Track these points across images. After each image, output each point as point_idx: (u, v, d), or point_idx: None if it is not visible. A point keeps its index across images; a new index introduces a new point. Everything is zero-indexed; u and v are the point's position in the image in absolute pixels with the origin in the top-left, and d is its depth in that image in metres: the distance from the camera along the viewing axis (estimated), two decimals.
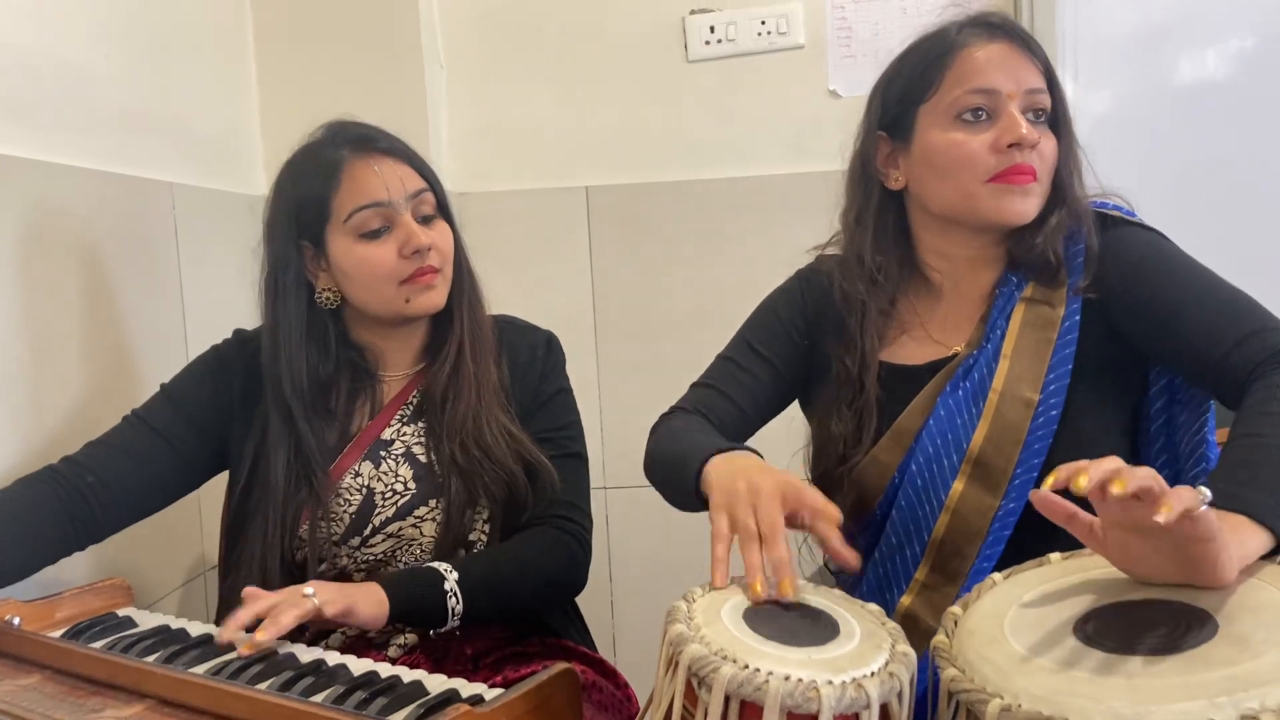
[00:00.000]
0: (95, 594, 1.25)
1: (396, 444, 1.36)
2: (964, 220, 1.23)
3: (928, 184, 1.23)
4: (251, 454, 1.35)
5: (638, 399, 2.18)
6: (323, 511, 1.31)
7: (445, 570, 1.24)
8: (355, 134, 1.34)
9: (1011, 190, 1.19)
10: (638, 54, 2.18)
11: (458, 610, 1.24)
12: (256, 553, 1.30)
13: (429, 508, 1.33)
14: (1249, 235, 2.10)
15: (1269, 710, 0.68)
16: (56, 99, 1.51)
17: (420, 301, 1.33)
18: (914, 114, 1.23)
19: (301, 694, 0.96)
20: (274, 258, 1.35)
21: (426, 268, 1.32)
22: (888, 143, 1.27)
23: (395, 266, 1.31)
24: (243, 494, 1.35)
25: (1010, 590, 0.92)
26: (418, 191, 1.33)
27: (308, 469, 1.31)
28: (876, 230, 1.28)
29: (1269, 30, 2.12)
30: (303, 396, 1.32)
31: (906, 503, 1.22)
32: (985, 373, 1.21)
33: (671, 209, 2.18)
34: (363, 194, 1.30)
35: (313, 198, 1.32)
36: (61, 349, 1.47)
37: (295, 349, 1.33)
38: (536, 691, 0.94)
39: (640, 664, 1.12)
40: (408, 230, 1.30)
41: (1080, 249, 1.23)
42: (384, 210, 1.30)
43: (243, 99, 2.10)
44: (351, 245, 1.31)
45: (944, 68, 1.20)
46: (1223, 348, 1.08)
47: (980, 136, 1.18)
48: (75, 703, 1.01)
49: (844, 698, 0.78)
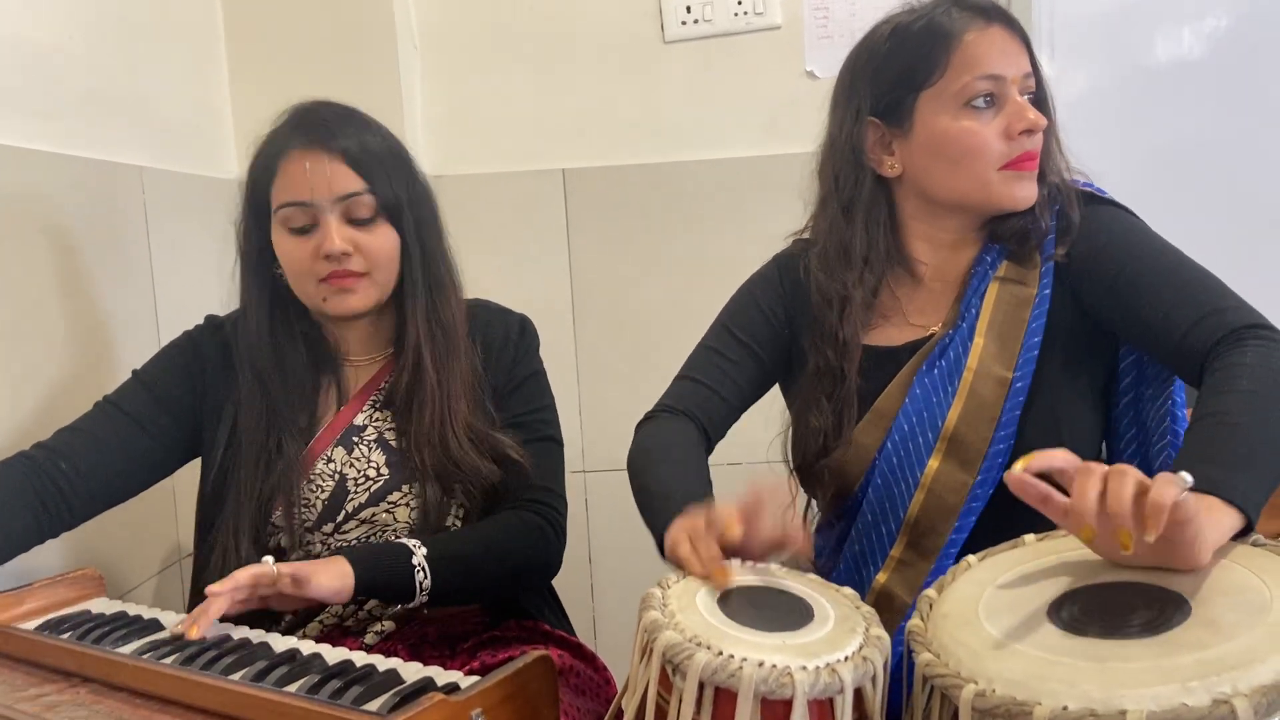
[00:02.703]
0: (66, 585, 1.24)
1: (369, 429, 1.35)
2: (972, 207, 1.23)
3: (934, 172, 1.22)
4: (224, 441, 1.34)
5: (616, 381, 2.19)
6: (295, 497, 1.30)
7: (414, 546, 1.24)
8: (308, 122, 1.32)
9: (1022, 177, 1.20)
10: (614, 34, 2.16)
11: (426, 585, 1.23)
12: (230, 540, 1.29)
13: (403, 493, 1.33)
14: (1222, 214, 2.11)
15: (1241, 694, 0.68)
16: (23, 82, 1.48)
17: (336, 303, 1.31)
18: (914, 100, 1.21)
19: (275, 684, 0.96)
20: (241, 231, 1.36)
21: (343, 271, 1.29)
22: (879, 129, 1.24)
23: (312, 266, 1.30)
24: (216, 480, 1.35)
25: (985, 573, 0.93)
26: (349, 194, 1.29)
27: (280, 455, 1.31)
28: (868, 221, 1.26)
29: (1243, 10, 2.13)
30: (270, 362, 1.33)
31: (882, 480, 1.23)
32: (960, 351, 1.22)
33: (648, 191, 2.17)
34: (289, 190, 1.29)
35: (257, 183, 1.33)
36: (30, 335, 1.45)
37: (260, 318, 1.34)
38: (512, 679, 0.94)
39: (620, 647, 1.12)
40: (324, 233, 1.28)
41: (1054, 226, 1.23)
42: (308, 209, 1.29)
43: (214, 82, 2.07)
44: (281, 236, 1.31)
45: (948, 52, 1.19)
46: (1183, 326, 1.09)
47: (991, 124, 1.19)
48: (46, 695, 1.00)
49: (818, 683, 0.78)
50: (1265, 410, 0.97)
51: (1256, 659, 0.70)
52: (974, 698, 0.75)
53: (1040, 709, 0.71)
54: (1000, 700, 0.74)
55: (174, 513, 1.76)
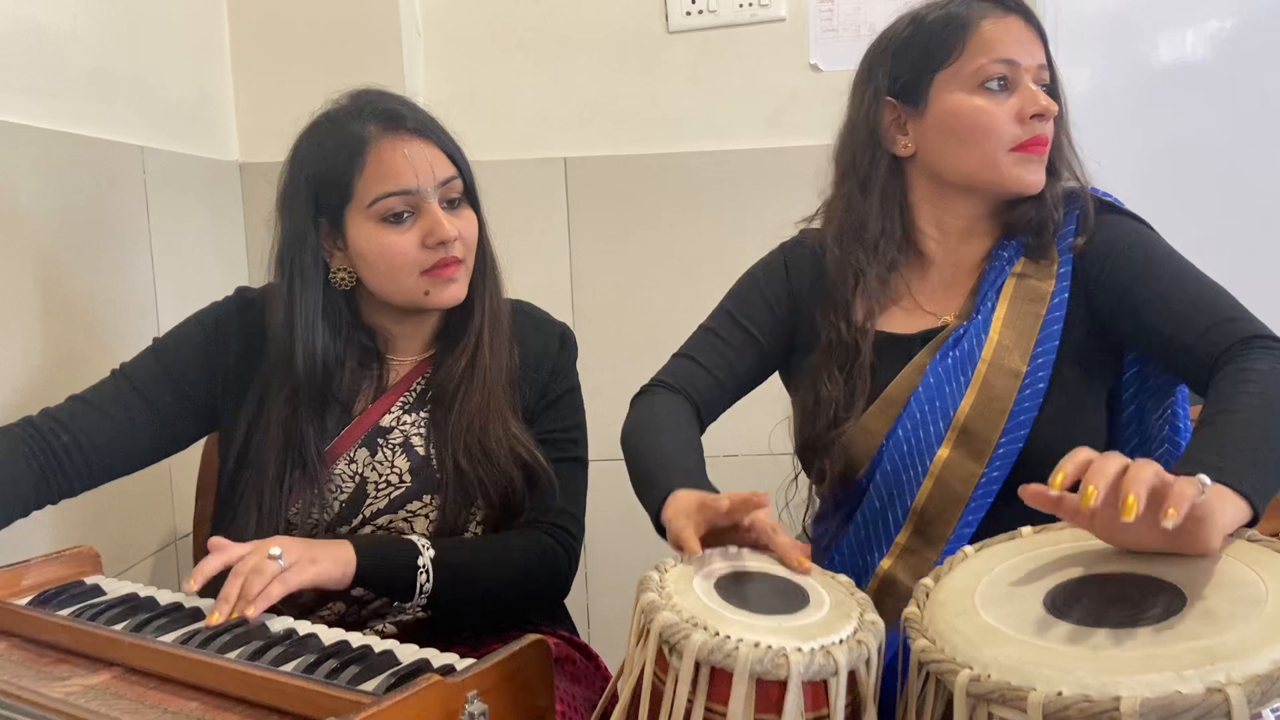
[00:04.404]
0: (63, 562, 1.23)
1: (395, 433, 1.32)
2: (980, 188, 1.24)
3: (945, 150, 1.24)
4: (245, 426, 1.31)
5: (614, 371, 2.16)
6: (315, 496, 1.27)
7: (424, 546, 1.22)
8: (383, 109, 1.27)
9: (1031, 160, 1.22)
10: (618, 23, 2.16)
11: (426, 589, 1.21)
12: (250, 532, 1.24)
13: (423, 503, 1.30)
14: (1223, 214, 2.12)
15: (1235, 683, 0.68)
16: (24, 60, 1.48)
17: (440, 294, 1.28)
18: (930, 80, 1.24)
19: (271, 663, 0.95)
20: (290, 234, 1.28)
21: (450, 259, 1.26)
22: (895, 108, 1.27)
23: (417, 256, 1.25)
24: (235, 468, 1.31)
25: (982, 563, 0.93)
26: (447, 179, 1.27)
27: (303, 452, 1.27)
28: (884, 198, 1.27)
29: (1246, 12, 2.13)
30: (314, 377, 1.27)
31: (891, 467, 1.23)
32: (975, 343, 1.23)
33: (650, 181, 2.17)
34: (390, 179, 1.24)
35: (335, 176, 1.25)
36: (27, 314, 1.45)
37: (311, 330, 1.27)
38: (508, 661, 0.94)
39: (612, 638, 1.13)
40: (433, 220, 1.25)
41: (1073, 223, 1.25)
42: (411, 197, 1.25)
43: (216, 63, 2.06)
44: (373, 230, 1.25)
45: (965, 37, 1.22)
46: (1191, 335, 1.11)
47: (1004, 106, 1.21)
48: (41, 670, 1.00)
49: (812, 664, 0.79)
50: (1273, 413, 0.98)
51: (1251, 649, 0.71)
52: (968, 683, 0.75)
53: (1035, 694, 0.71)
54: (995, 686, 0.74)
55: (170, 493, 1.76)
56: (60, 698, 0.93)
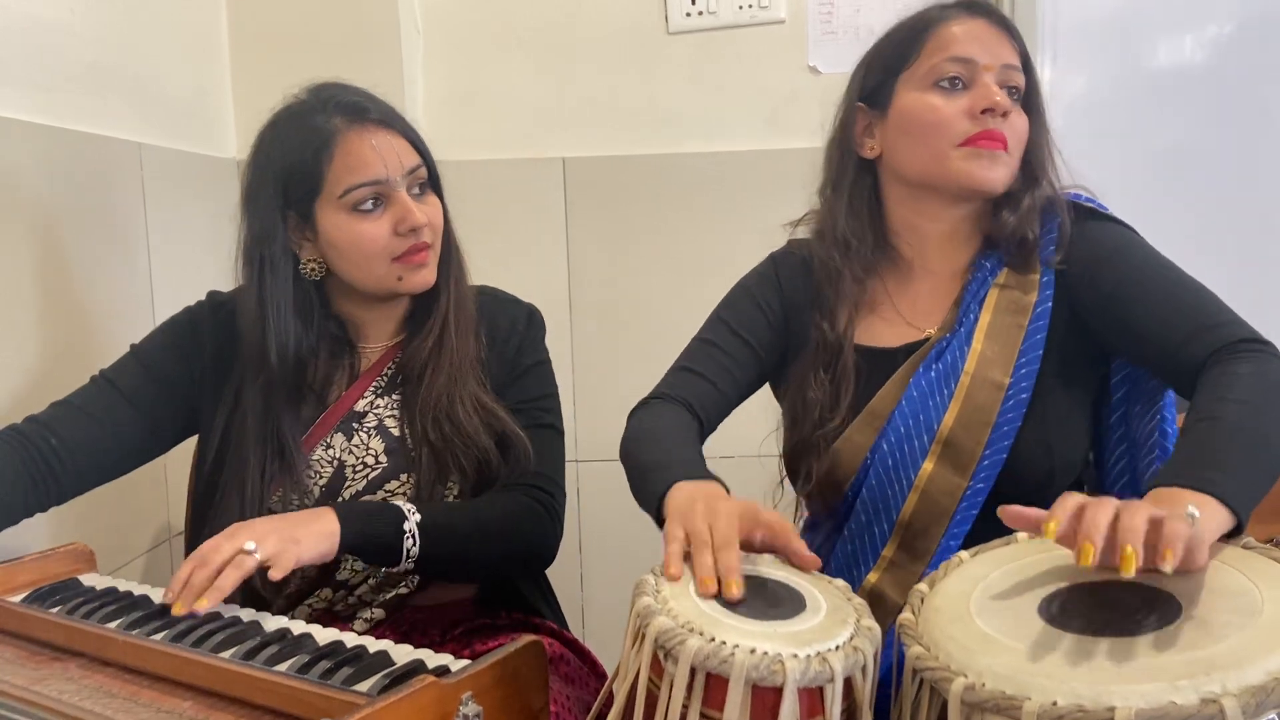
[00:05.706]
0: (57, 559, 1.23)
1: (369, 416, 1.34)
2: (935, 185, 1.24)
3: (901, 149, 1.25)
4: (223, 424, 1.33)
5: (612, 371, 2.19)
6: (294, 484, 1.29)
7: (409, 511, 1.23)
8: (347, 101, 1.29)
9: (980, 155, 1.21)
10: (618, 23, 2.16)
11: (413, 552, 1.22)
12: (226, 522, 1.27)
13: (400, 482, 1.32)
14: (1221, 220, 2.12)
15: (1230, 694, 0.68)
16: (21, 55, 1.48)
17: (412, 279, 1.31)
18: (893, 84, 1.26)
19: (265, 663, 0.96)
20: (257, 228, 1.30)
21: (420, 245, 1.30)
22: (866, 114, 1.29)
23: (389, 243, 1.28)
24: (213, 464, 1.33)
25: (977, 569, 0.93)
26: (414, 167, 1.30)
27: (281, 442, 1.29)
28: (851, 197, 1.29)
29: (1246, 18, 2.13)
30: (288, 368, 1.29)
31: (876, 481, 1.23)
32: (957, 355, 1.22)
33: (648, 182, 2.17)
34: (359, 170, 1.26)
35: (303, 169, 1.27)
36: (23, 311, 1.45)
37: (283, 322, 1.29)
38: (503, 663, 0.94)
39: (608, 638, 1.12)
40: (404, 208, 1.28)
41: (1054, 234, 1.25)
42: (380, 187, 1.27)
43: (214, 59, 2.06)
44: (345, 220, 1.28)
45: (924, 39, 1.24)
46: (1177, 339, 1.11)
47: (956, 102, 1.21)
48: (34, 668, 1.00)
49: (808, 671, 0.79)
50: (1257, 416, 0.98)
51: (1246, 660, 0.71)
52: (963, 691, 0.75)
53: (1029, 704, 0.71)
54: (990, 695, 0.74)
55: (165, 490, 1.76)
56: (53, 696, 0.93)
